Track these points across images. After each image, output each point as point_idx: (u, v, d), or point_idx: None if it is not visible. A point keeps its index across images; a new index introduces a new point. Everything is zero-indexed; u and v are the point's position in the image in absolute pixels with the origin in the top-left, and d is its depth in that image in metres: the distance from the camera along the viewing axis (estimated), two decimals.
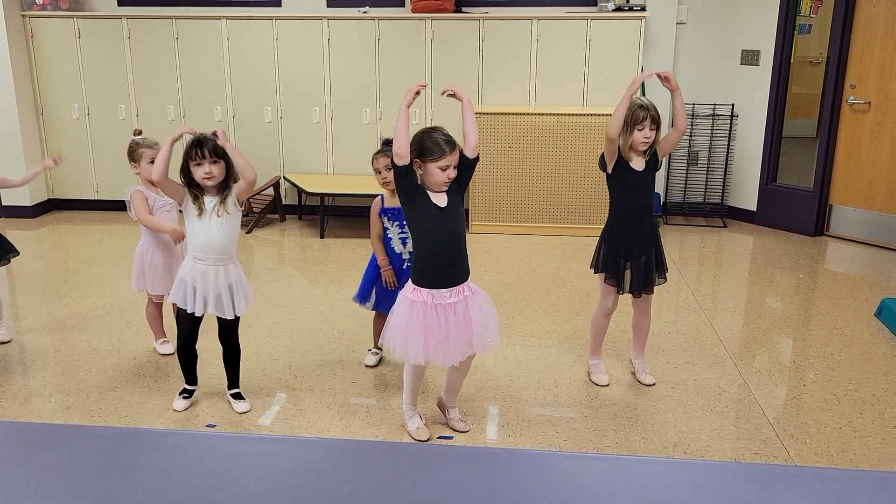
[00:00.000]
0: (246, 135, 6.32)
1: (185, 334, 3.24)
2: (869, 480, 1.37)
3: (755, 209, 6.22)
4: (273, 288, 4.80)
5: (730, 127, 6.11)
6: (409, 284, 2.93)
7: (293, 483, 1.38)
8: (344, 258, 5.41)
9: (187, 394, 3.36)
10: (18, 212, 6.35)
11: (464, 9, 6.11)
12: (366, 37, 6.03)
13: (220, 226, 3.08)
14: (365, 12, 6.08)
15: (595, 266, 3.45)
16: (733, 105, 6.09)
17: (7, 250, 3.87)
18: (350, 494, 1.34)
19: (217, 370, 3.61)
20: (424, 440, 3.07)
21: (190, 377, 3.36)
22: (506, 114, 5.79)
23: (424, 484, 1.37)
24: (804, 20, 5.87)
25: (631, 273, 3.37)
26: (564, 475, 1.40)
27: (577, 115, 5.73)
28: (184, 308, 3.14)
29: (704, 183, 6.32)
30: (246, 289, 3.23)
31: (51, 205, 6.60)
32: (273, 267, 5.45)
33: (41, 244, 5.82)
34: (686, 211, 6.37)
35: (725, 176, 6.24)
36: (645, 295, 3.42)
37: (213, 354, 3.52)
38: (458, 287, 2.90)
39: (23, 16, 6.16)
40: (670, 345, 3.97)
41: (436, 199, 2.86)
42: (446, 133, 2.84)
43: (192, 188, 3.07)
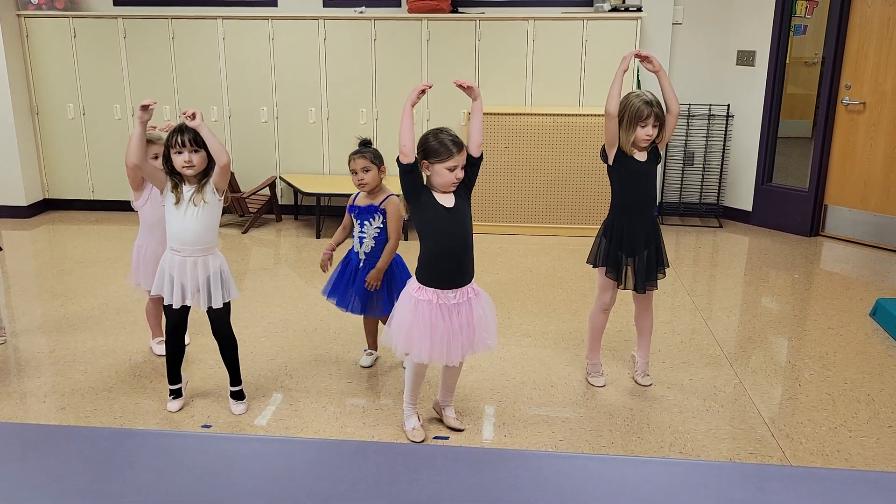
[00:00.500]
0: (242, 135, 6.31)
1: (173, 325, 3.22)
2: (864, 480, 1.38)
3: (751, 209, 6.24)
4: (269, 288, 4.80)
5: (725, 127, 6.12)
6: (414, 283, 2.92)
7: (289, 484, 1.38)
8: (340, 258, 5.40)
9: (175, 393, 3.33)
10: (13, 211, 6.33)
11: (460, 9, 6.11)
12: (362, 37, 6.03)
13: (196, 216, 3.05)
14: (361, 12, 6.08)
15: (594, 260, 3.41)
16: (729, 105, 6.10)
17: None
18: (346, 495, 1.34)
19: (213, 370, 3.61)
20: (419, 441, 3.07)
21: (173, 374, 3.30)
22: (502, 114, 5.79)
23: (420, 484, 1.37)
24: (799, 21, 5.88)
25: (633, 269, 3.34)
26: (561, 475, 1.40)
27: (574, 116, 5.74)
28: (168, 303, 3.14)
29: (700, 183, 6.33)
30: (227, 281, 3.18)
31: (46, 205, 6.58)
32: (269, 267, 5.44)
33: (36, 244, 5.80)
34: (682, 211, 6.38)
35: (721, 176, 6.25)
36: (649, 291, 3.39)
37: (209, 355, 3.52)
38: (463, 289, 2.91)
39: (18, 15, 6.15)
40: (666, 345, 3.97)
41: (442, 200, 2.87)
42: (453, 134, 2.84)
43: (174, 176, 3.06)
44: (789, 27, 5.83)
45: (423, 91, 2.84)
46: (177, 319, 3.20)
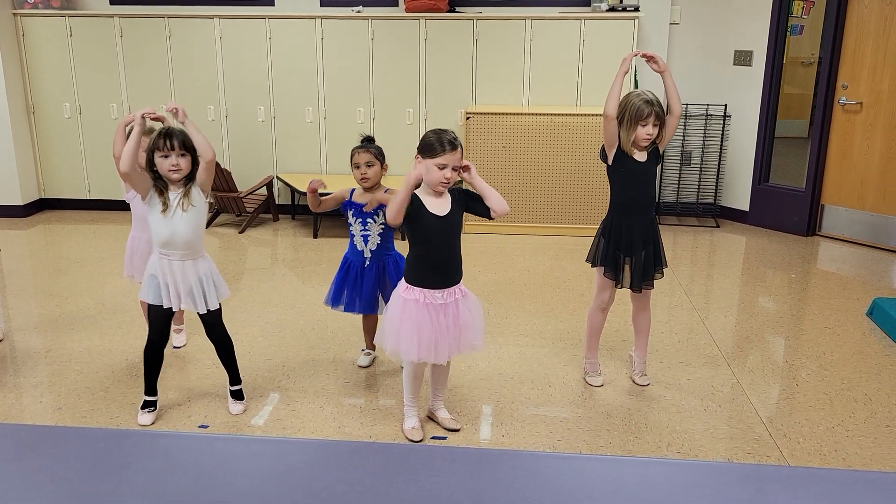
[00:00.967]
0: (239, 134, 6.30)
1: (159, 330, 3.15)
2: (862, 480, 1.38)
3: (748, 209, 6.24)
4: (266, 288, 4.79)
5: (722, 127, 6.12)
6: (403, 283, 2.96)
7: (286, 484, 1.37)
8: (337, 258, 5.36)
9: (151, 406, 3.21)
10: (9, 211, 6.32)
11: (457, 8, 6.11)
12: (359, 36, 6.02)
13: (184, 220, 3.01)
14: (358, 11, 6.07)
15: (593, 260, 3.41)
16: (726, 105, 6.10)
17: None
18: (343, 495, 1.33)
19: (209, 370, 3.60)
20: (417, 441, 3.06)
21: (151, 386, 3.19)
22: (499, 114, 5.79)
23: (418, 485, 1.37)
24: (796, 21, 5.88)
25: (631, 268, 3.34)
26: (559, 475, 1.40)
27: (571, 116, 5.74)
28: (156, 304, 3.08)
29: (697, 183, 6.33)
30: (218, 282, 3.16)
31: (42, 204, 6.56)
32: (266, 267, 5.44)
33: (32, 244, 5.79)
34: (679, 211, 6.39)
35: (718, 176, 6.25)
36: (645, 290, 3.40)
37: (206, 354, 3.51)
38: (451, 289, 2.93)
39: (14, 14, 6.13)
40: (663, 345, 3.97)
41: (434, 208, 2.87)
42: (454, 135, 2.85)
43: (158, 182, 3.02)
44: (786, 27, 5.83)
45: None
46: (162, 325, 3.14)
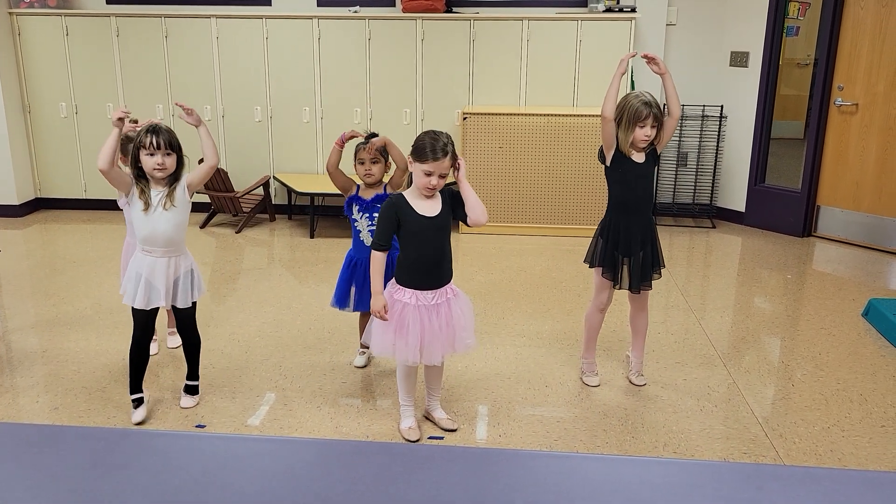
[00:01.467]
0: (235, 134, 6.30)
1: (142, 327, 3.13)
2: (860, 480, 1.38)
3: (744, 210, 6.26)
4: (263, 288, 4.79)
5: (719, 128, 6.14)
6: (393, 284, 2.95)
7: (286, 484, 1.37)
8: (334, 258, 5.39)
9: (139, 402, 3.21)
10: (5, 211, 6.30)
11: (454, 9, 6.11)
12: (356, 36, 6.02)
13: (165, 218, 3.00)
14: (355, 12, 6.07)
15: (591, 261, 3.41)
16: (722, 106, 6.12)
17: None
18: (343, 496, 1.34)
19: (206, 370, 3.60)
20: (414, 441, 3.07)
21: (136, 384, 3.19)
22: (496, 114, 5.79)
23: (418, 484, 1.37)
24: (792, 22, 5.90)
25: (629, 269, 3.34)
26: (558, 475, 1.41)
27: (568, 116, 5.75)
28: (138, 307, 3.07)
29: (693, 184, 6.34)
30: (197, 279, 3.18)
31: (38, 204, 6.55)
32: (263, 267, 5.43)
33: (28, 243, 5.77)
34: (675, 211, 6.40)
35: (714, 177, 6.27)
36: (644, 291, 3.40)
37: (201, 355, 3.50)
38: (441, 290, 2.93)
39: (10, 13, 6.11)
40: (660, 345, 3.98)
41: (423, 209, 2.87)
42: (446, 141, 2.82)
43: (141, 181, 3.00)
44: (782, 28, 5.85)
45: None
46: (145, 323, 3.14)
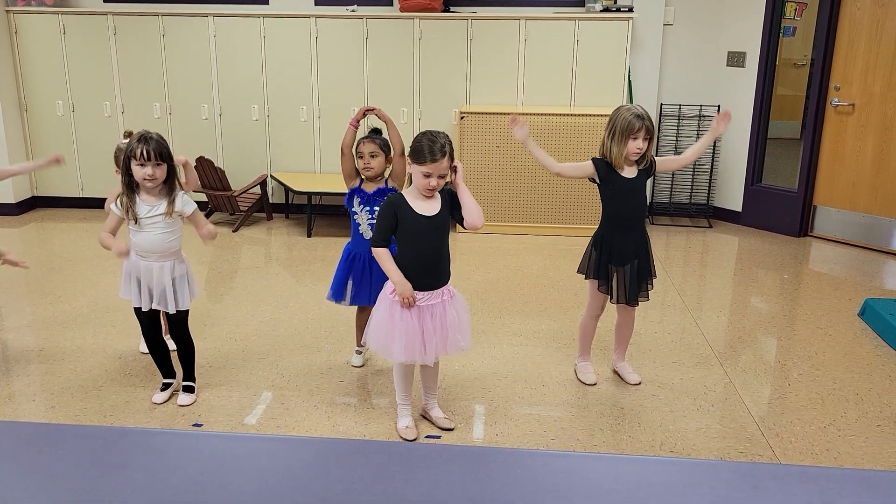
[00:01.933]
0: (233, 133, 6.29)
1: (148, 326, 3.24)
2: (856, 479, 1.39)
3: (740, 210, 6.27)
4: (260, 287, 4.78)
5: None
6: (390, 284, 2.95)
7: (284, 483, 1.37)
8: (331, 257, 5.39)
9: (165, 386, 3.38)
10: (2, 209, 6.29)
11: (452, 8, 6.11)
12: (354, 35, 6.01)
13: (161, 228, 3.04)
14: (353, 11, 6.07)
15: (586, 272, 3.44)
16: (719, 106, 6.12)
17: None
18: (341, 495, 1.34)
19: (203, 370, 3.60)
20: (411, 440, 3.07)
21: (165, 370, 3.38)
22: (494, 113, 5.79)
23: (415, 483, 1.37)
24: (789, 22, 5.91)
25: (624, 280, 3.35)
26: (556, 475, 1.41)
27: (565, 116, 5.75)
28: (134, 305, 3.16)
29: (690, 183, 6.35)
30: (191, 284, 3.21)
31: (35, 202, 6.54)
32: (260, 266, 5.43)
33: (25, 242, 5.76)
34: (672, 211, 6.41)
35: (711, 177, 6.28)
36: (641, 302, 3.43)
37: (199, 355, 3.51)
38: (438, 290, 2.94)
39: (7, 11, 6.10)
40: (656, 344, 3.99)
41: (422, 209, 2.87)
42: (444, 142, 2.82)
43: (130, 194, 3.00)
44: (779, 29, 5.86)
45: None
46: (149, 322, 3.22)
